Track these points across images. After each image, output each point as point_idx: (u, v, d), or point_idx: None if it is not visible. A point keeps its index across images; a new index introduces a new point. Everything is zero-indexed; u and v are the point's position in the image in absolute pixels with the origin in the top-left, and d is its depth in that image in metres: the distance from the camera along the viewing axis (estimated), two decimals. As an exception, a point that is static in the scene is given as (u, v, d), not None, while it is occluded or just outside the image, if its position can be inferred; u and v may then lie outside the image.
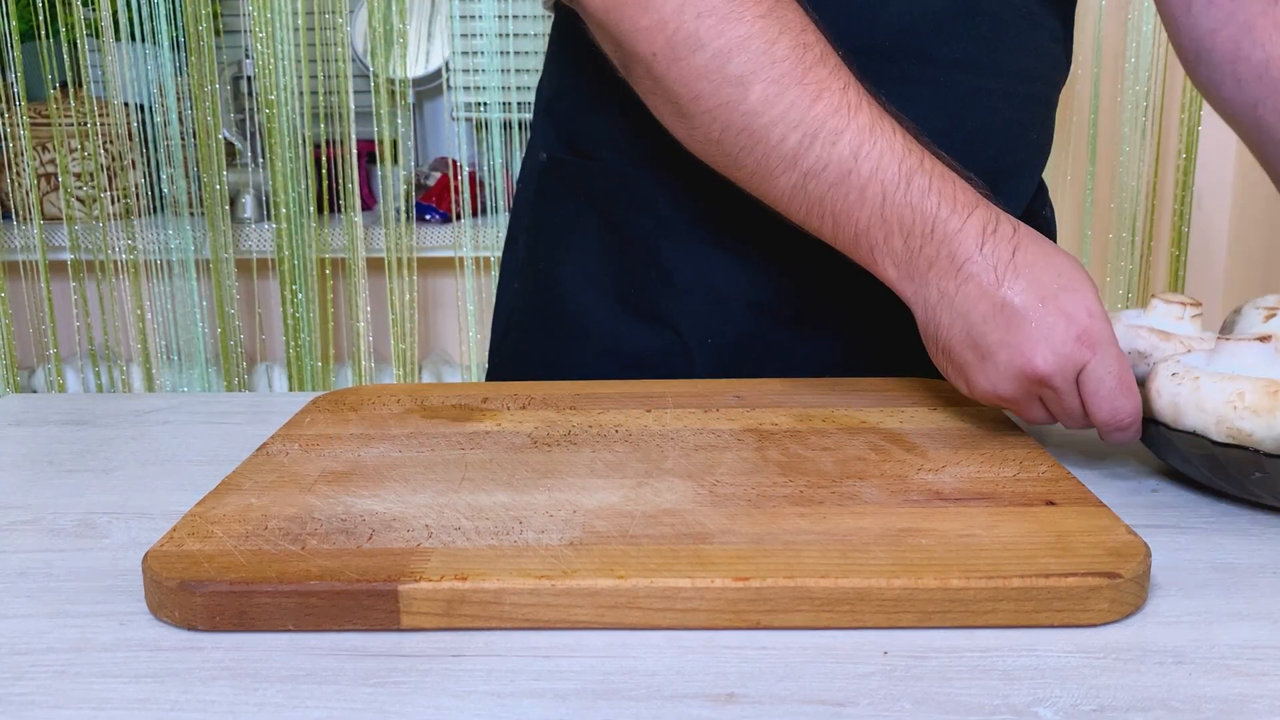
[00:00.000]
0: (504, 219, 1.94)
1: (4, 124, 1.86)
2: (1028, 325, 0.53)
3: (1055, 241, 0.62)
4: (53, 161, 1.88)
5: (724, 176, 0.62)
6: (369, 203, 2.01)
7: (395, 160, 1.90)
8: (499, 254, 1.91)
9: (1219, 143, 1.93)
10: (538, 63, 1.91)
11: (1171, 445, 0.55)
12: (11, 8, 1.81)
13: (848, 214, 0.57)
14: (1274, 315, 0.59)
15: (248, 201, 1.95)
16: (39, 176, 1.90)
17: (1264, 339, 0.54)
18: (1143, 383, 0.57)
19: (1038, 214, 0.82)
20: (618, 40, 0.60)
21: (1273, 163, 0.76)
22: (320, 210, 1.92)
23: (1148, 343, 0.60)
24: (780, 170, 0.57)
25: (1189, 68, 0.80)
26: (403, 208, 1.92)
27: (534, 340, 0.80)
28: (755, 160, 0.58)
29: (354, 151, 1.89)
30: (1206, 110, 1.83)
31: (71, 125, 1.86)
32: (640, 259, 0.74)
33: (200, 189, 1.88)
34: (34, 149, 1.88)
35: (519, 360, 0.81)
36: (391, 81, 1.88)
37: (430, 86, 2.04)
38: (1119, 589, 0.41)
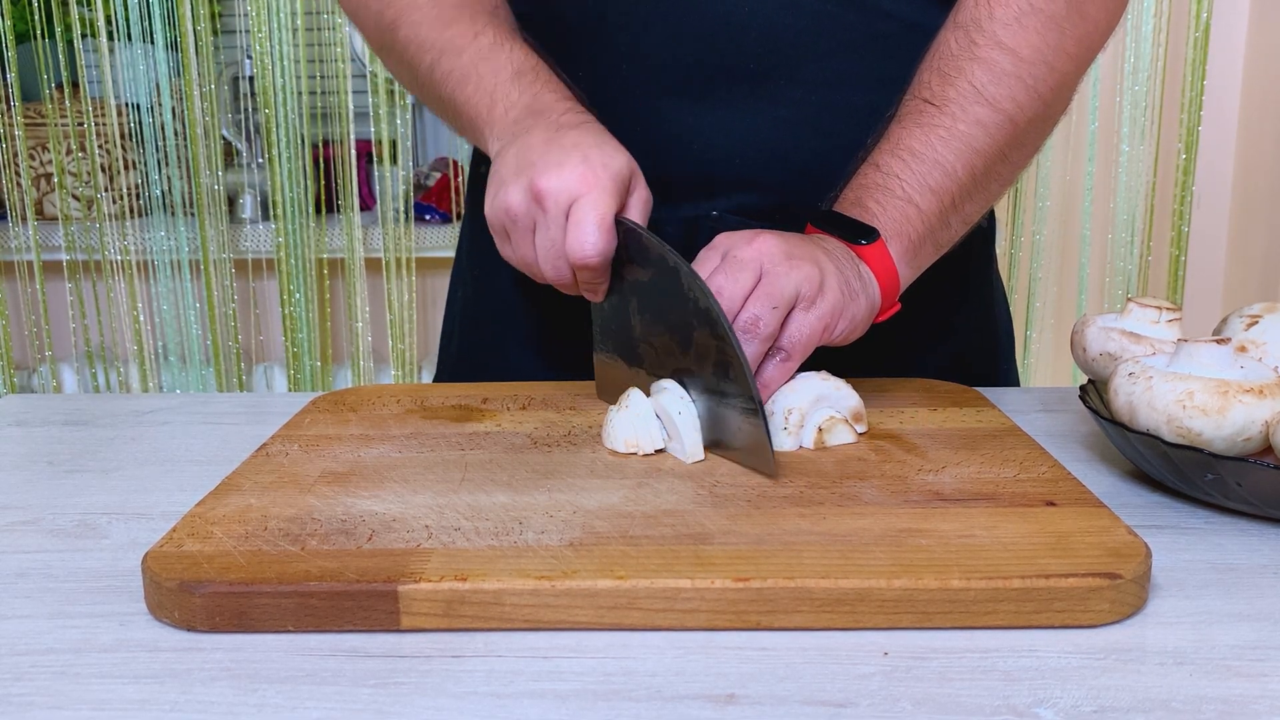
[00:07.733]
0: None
1: (1, 125, 1.86)
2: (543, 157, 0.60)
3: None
4: (50, 162, 1.88)
5: None
6: (368, 203, 2.01)
7: (394, 160, 1.90)
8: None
9: (1219, 143, 1.93)
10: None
11: (1131, 446, 0.54)
12: (6, 8, 1.81)
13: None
14: (1255, 323, 0.58)
15: (248, 201, 1.95)
16: (38, 177, 1.90)
17: (1222, 341, 0.53)
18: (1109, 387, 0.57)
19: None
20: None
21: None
22: (319, 210, 1.92)
23: (1118, 345, 0.60)
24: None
25: None
26: (401, 208, 1.92)
27: (476, 339, 0.85)
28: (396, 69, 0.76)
29: (353, 152, 1.89)
30: (1207, 110, 1.83)
31: (67, 126, 1.86)
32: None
33: (193, 189, 1.88)
34: (31, 149, 1.88)
35: (463, 362, 0.85)
36: (390, 81, 1.88)
37: (430, 86, 2.03)
38: (1119, 589, 0.41)
